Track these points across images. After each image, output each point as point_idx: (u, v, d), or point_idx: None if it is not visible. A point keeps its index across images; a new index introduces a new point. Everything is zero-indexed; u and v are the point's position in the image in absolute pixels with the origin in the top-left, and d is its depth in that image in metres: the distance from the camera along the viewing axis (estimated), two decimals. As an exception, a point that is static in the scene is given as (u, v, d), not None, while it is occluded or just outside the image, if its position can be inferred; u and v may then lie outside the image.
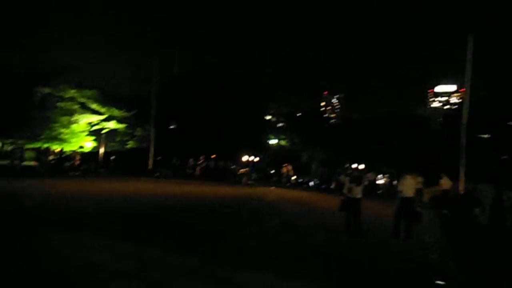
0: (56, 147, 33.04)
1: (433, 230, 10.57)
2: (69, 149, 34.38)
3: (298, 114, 64.29)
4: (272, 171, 27.36)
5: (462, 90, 26.78)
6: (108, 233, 7.32)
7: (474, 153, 23.15)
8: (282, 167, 26.30)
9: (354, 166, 26.02)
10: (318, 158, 40.98)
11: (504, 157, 34.27)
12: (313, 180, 26.45)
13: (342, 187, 9.88)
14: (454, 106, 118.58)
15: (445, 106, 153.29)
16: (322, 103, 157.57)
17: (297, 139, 51.02)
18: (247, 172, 25.07)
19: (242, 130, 37.90)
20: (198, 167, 25.82)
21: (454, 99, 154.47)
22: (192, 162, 26.22)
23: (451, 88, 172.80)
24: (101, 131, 38.43)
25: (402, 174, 9.63)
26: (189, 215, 10.32)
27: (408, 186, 9.23)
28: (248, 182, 23.90)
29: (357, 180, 8.97)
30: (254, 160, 29.33)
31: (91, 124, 37.97)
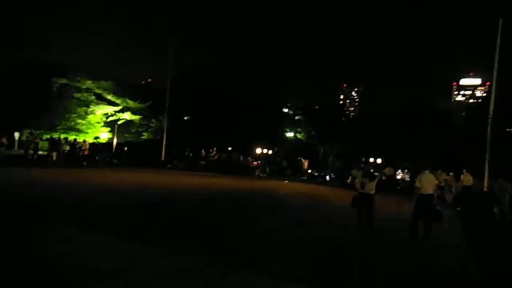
0: (72, 137, 33.46)
1: (453, 230, 9.81)
2: (85, 139, 34.78)
3: (315, 107, 63.23)
4: (286, 164, 26.78)
5: (488, 83, 25.39)
6: (103, 227, 6.95)
7: (500, 148, 21.87)
8: (302, 161, 25.65)
9: (371, 160, 25.12)
10: (335, 151, 40.07)
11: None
12: (329, 174, 25.76)
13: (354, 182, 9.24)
14: (479, 100, 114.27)
15: (469, 99, 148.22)
16: (340, 96, 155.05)
17: (314, 132, 50.04)
18: (260, 165, 24.58)
19: (257, 123, 37.38)
20: (210, 159, 25.48)
21: (478, 93, 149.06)
22: (204, 154, 25.90)
23: (476, 81, 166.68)
24: (116, 122, 38.75)
25: (421, 170, 8.89)
26: (193, 208, 9.92)
27: (427, 183, 8.50)
28: (260, 175, 23.41)
29: (370, 174, 8.31)
30: (267, 152, 28.79)
31: (107, 115, 38.35)
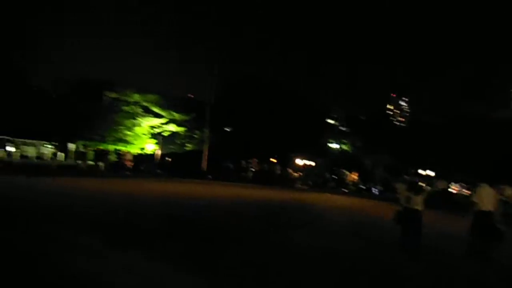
0: (122, 149, 34.88)
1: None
2: (132, 150, 36.11)
3: (362, 117, 61.13)
4: (329, 176, 25.70)
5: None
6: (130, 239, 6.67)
7: None
8: (346, 173, 24.52)
9: (421, 172, 23.31)
10: (383, 163, 38.09)
11: None
12: (376, 187, 24.34)
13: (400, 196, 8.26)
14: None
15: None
16: (389, 106, 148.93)
17: (359, 144, 48.11)
18: (301, 176, 23.74)
19: (300, 133, 36.63)
20: (250, 170, 25.12)
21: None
22: (244, 165, 25.62)
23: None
24: (161, 134, 39.92)
25: (479, 183, 7.76)
26: (219, 220, 9.44)
27: (486, 197, 7.37)
28: (301, 186, 22.58)
29: (416, 187, 7.34)
30: (310, 164, 27.86)
31: (153, 127, 39.62)
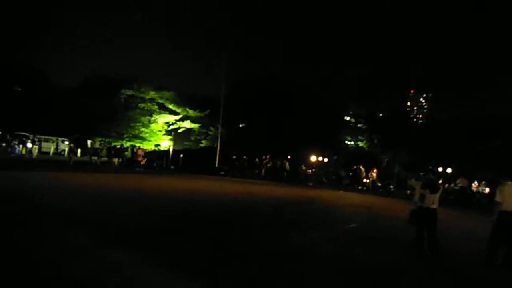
0: (138, 145, 35.21)
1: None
2: (147, 147, 36.41)
3: (379, 114, 60.01)
4: (344, 174, 25.12)
5: None
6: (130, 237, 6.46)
7: None
8: (361, 170, 23.87)
9: (440, 169, 22.48)
10: (401, 161, 37.14)
11: None
12: (393, 184, 23.65)
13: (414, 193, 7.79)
14: None
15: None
16: (407, 103, 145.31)
17: (377, 140, 47.14)
18: (315, 173, 23.28)
19: (315, 130, 36.12)
20: (263, 167, 24.82)
21: None
22: (257, 161, 25.33)
23: None
24: (177, 130, 40.11)
25: (502, 181, 7.19)
26: (224, 219, 9.17)
27: (511, 197, 6.81)
28: (315, 184, 22.13)
29: (431, 185, 6.87)
30: (324, 161, 27.34)
31: (168, 123, 39.88)
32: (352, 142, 47.40)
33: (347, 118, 54.26)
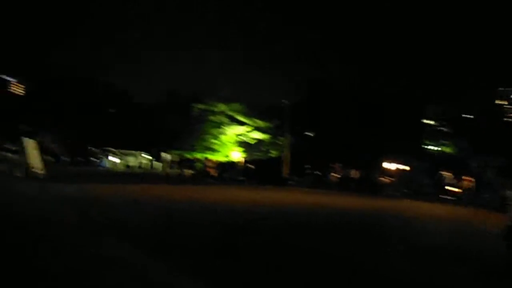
0: (208, 157, 36.32)
1: None
2: (218, 158, 37.28)
3: (466, 116, 54.18)
4: (426, 182, 22.67)
5: None
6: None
7: None
8: (444, 177, 21.40)
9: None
10: (494, 166, 32.71)
11: None
12: (486, 193, 20.69)
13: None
14: None
15: None
16: (498, 101, 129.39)
17: (464, 145, 42.38)
18: (393, 182, 21.35)
19: (391, 135, 33.66)
20: (334, 176, 23.54)
21: None
22: (328, 170, 24.14)
23: None
24: (247, 141, 40.54)
25: None
26: (279, 232, 8.42)
27: None
28: (392, 193, 20.25)
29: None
30: (403, 168, 25.05)
31: (238, 135, 40.51)
32: (435, 147, 43.38)
33: (428, 121, 49.93)
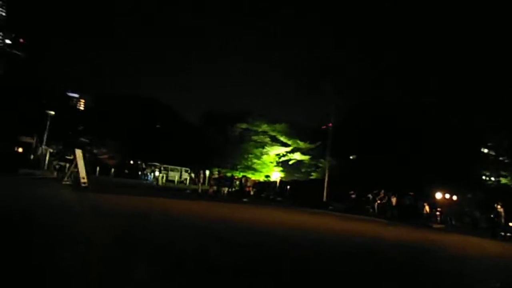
0: (250, 176, 36.42)
1: None
2: (258, 178, 37.23)
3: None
4: (480, 215, 20.73)
5: None
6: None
7: None
8: (499, 211, 19.43)
9: None
10: None
11: None
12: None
13: None
14: None
15: None
16: None
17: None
18: (440, 213, 19.76)
19: (442, 163, 31.60)
20: (377, 203, 22.32)
21: None
22: (371, 197, 22.96)
23: None
24: (288, 162, 40.20)
25: None
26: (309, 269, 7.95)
27: None
28: (438, 226, 18.68)
29: None
30: (453, 198, 23.20)
31: (279, 155, 40.36)
32: (492, 178, 39.98)
33: (485, 150, 46.36)
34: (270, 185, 29.93)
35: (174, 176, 36.82)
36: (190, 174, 36.65)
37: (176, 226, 9.62)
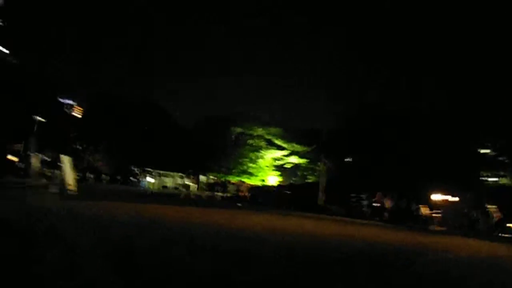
0: (245, 181, 35.90)
1: None
2: (254, 182, 36.71)
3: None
4: (476, 216, 20.23)
5: None
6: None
7: None
8: (490, 211, 19.00)
9: None
10: None
11: None
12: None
13: None
14: None
15: None
16: None
17: (526, 176, 38.31)
18: (438, 215, 19.25)
19: (439, 164, 31.13)
20: (372, 206, 21.79)
21: None
22: (364, 200, 22.47)
23: None
24: (284, 166, 39.70)
25: None
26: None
27: None
28: (437, 228, 18.16)
29: None
30: (451, 200, 22.70)
31: (276, 159, 39.87)
32: (491, 178, 39.53)
33: (484, 151, 45.95)
34: (265, 189, 29.39)
35: (168, 181, 36.29)
36: (184, 179, 36.13)
37: (158, 233, 9.05)
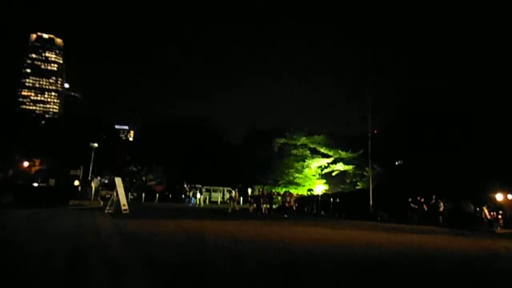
0: (292, 191, 35.51)
1: None
2: (301, 192, 36.19)
3: None
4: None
5: None
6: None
7: None
8: None
9: None
10: None
11: None
12: None
13: None
14: None
15: None
16: None
17: None
18: (503, 216, 17.55)
19: (503, 159, 28.59)
20: (421, 210, 20.41)
21: None
22: (413, 204, 21.10)
23: None
24: (331, 174, 38.77)
25: None
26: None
27: None
28: (502, 231, 16.54)
29: None
30: (517, 200, 20.62)
31: (321, 167, 39.10)
32: None
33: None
34: (312, 198, 28.83)
35: (216, 196, 36.97)
36: (232, 193, 36.57)
37: (197, 247, 9.21)
